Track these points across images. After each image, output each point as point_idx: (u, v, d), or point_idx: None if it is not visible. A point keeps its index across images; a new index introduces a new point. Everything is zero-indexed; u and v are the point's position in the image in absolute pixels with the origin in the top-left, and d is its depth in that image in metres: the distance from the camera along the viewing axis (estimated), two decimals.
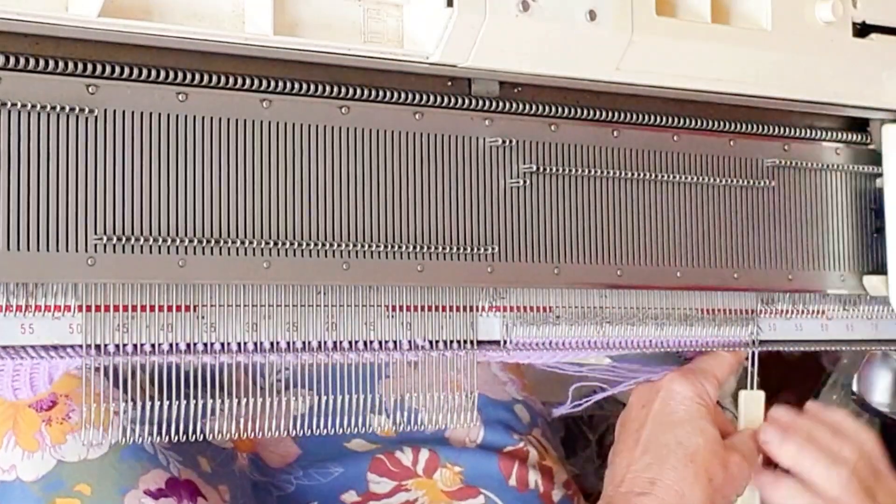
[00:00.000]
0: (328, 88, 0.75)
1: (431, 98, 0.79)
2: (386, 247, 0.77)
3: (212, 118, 0.72)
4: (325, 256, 0.75)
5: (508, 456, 1.04)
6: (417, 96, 0.78)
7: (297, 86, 0.74)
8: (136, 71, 0.69)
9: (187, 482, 0.92)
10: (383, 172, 0.77)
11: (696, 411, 0.89)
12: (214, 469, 0.97)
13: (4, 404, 0.89)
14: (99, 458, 0.88)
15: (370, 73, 0.77)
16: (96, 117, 0.69)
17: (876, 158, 0.96)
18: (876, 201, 0.96)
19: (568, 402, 1.03)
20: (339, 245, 0.75)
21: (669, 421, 0.89)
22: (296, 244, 0.74)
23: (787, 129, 0.93)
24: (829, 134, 0.95)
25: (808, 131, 0.94)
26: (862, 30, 0.90)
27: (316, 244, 0.74)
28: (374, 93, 0.77)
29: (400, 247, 0.77)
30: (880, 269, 0.96)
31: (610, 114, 0.86)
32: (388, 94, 0.77)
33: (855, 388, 1.12)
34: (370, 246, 0.76)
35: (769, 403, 0.96)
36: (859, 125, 0.97)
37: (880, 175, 0.96)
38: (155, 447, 0.91)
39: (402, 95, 0.78)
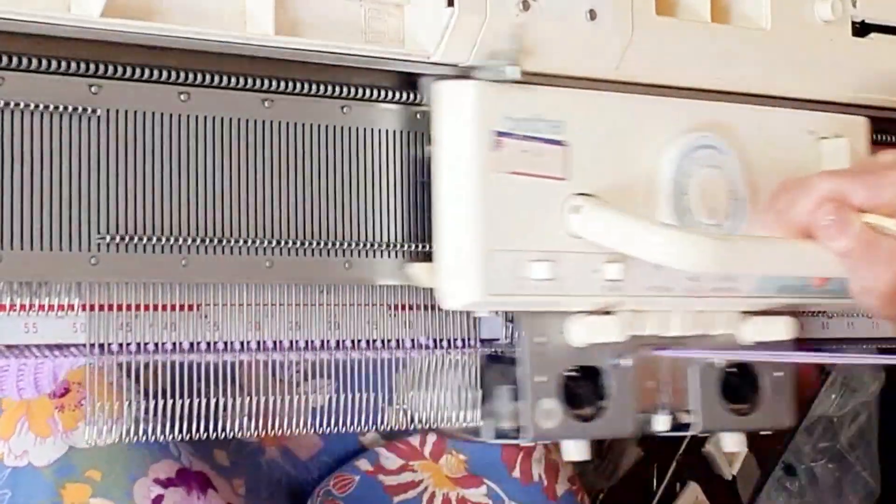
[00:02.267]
0: (329, 88, 0.75)
1: None
2: (388, 246, 0.77)
3: (214, 118, 0.72)
4: (328, 256, 0.75)
5: (514, 447, 1.05)
6: (418, 96, 0.78)
7: (298, 85, 0.74)
8: (138, 71, 0.69)
9: (199, 473, 0.92)
10: (385, 172, 0.77)
11: None
12: (233, 461, 0.98)
13: None
14: (110, 445, 0.89)
15: (371, 72, 0.77)
16: (99, 117, 0.69)
17: None
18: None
19: None
20: (341, 244, 0.75)
21: None
22: (298, 243, 0.74)
23: None
24: None
25: None
26: (861, 29, 0.90)
27: (318, 243, 0.74)
28: (374, 93, 0.77)
29: (401, 246, 0.77)
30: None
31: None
32: (388, 93, 0.77)
33: None
34: (372, 245, 0.76)
35: None
36: None
37: None
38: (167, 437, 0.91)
39: (403, 95, 0.78)
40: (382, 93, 0.77)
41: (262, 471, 1.01)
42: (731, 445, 0.89)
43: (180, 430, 0.73)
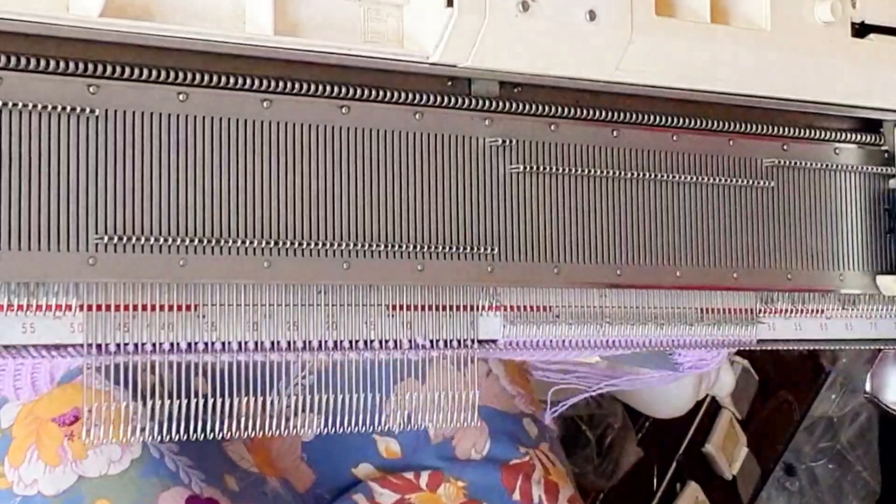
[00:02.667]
0: (328, 88, 0.75)
1: (431, 98, 0.79)
2: (386, 246, 0.77)
3: (212, 118, 0.72)
4: (326, 256, 0.75)
5: (513, 469, 1.05)
6: (417, 96, 0.78)
7: (297, 86, 0.74)
8: (137, 71, 0.69)
9: (210, 500, 0.92)
10: (383, 172, 0.77)
11: None
12: (243, 489, 0.98)
13: (28, 418, 0.90)
14: (119, 474, 0.88)
15: (370, 73, 0.77)
16: (97, 117, 0.69)
17: (888, 159, 0.97)
18: (889, 201, 0.97)
19: (548, 407, 1.04)
20: (339, 244, 0.75)
21: None
22: (296, 244, 0.74)
23: (786, 129, 0.93)
24: (829, 134, 0.96)
25: (808, 131, 0.94)
26: (861, 30, 0.90)
27: (316, 244, 0.74)
28: (374, 93, 0.77)
29: (400, 246, 0.77)
30: (893, 268, 0.96)
31: (609, 114, 0.86)
32: (389, 94, 0.77)
33: (868, 387, 1.13)
34: (370, 245, 0.76)
35: (768, 403, 0.97)
36: (873, 126, 0.97)
37: (892, 176, 0.96)
38: (178, 465, 0.91)
39: (403, 95, 0.78)
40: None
41: (268, 499, 1.01)
42: None
43: (169, 431, 0.73)
